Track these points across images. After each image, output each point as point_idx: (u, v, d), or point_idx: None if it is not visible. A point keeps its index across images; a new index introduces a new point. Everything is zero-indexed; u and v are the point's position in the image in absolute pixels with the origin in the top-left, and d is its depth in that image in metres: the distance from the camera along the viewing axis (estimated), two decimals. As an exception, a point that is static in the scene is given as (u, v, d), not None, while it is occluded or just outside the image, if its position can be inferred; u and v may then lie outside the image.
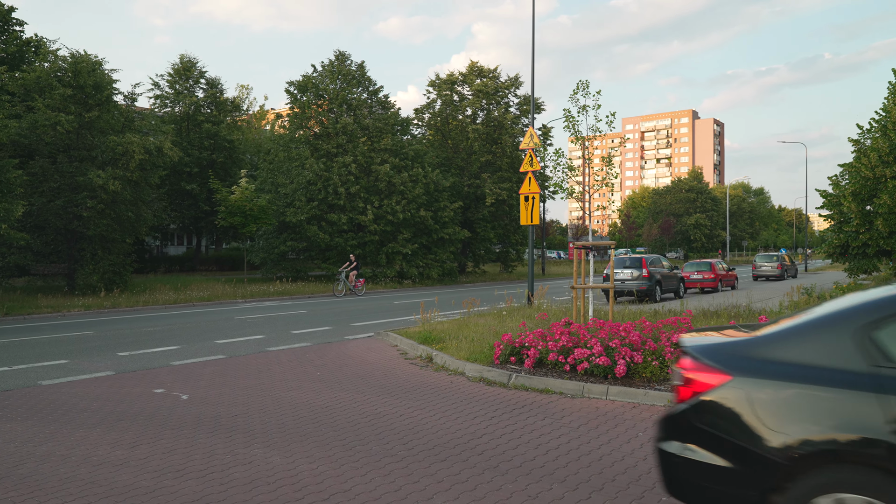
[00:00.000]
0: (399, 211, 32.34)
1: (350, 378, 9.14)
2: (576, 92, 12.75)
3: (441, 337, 11.79)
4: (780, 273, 38.68)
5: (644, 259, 23.62)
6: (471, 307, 15.60)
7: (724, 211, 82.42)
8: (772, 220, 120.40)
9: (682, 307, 16.21)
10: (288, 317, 18.46)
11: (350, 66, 35.80)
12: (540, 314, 10.43)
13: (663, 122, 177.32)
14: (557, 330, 8.67)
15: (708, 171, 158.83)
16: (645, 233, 79.96)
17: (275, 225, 32.54)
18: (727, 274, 29.43)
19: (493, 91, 39.86)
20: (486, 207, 37.89)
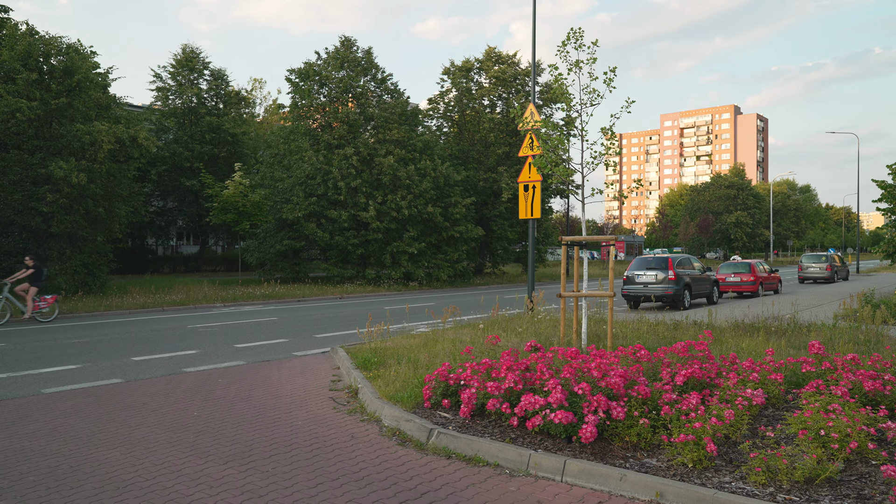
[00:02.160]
0: (404, 207, 29.78)
1: (221, 426, 6.59)
2: (565, 44, 9.96)
3: (384, 359, 9.18)
4: (830, 275, 34.94)
5: (670, 259, 20.57)
6: (447, 317, 12.91)
7: (766, 208, 77.74)
8: (819, 218, 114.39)
9: (711, 318, 13.27)
10: (250, 326, 16.07)
11: (356, 52, 33.41)
12: (492, 338, 7.52)
13: (703, 119, 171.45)
14: (505, 362, 5.93)
15: (751, 169, 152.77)
16: (681, 232, 75.75)
17: (272, 223, 30.35)
18: (769, 276, 26.08)
19: (511, 78, 37.03)
20: (503, 203, 35.07)
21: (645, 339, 10.77)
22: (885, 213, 24.35)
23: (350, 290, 27.37)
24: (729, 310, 17.72)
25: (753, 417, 5.76)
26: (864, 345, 9.48)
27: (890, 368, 6.50)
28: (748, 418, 5.58)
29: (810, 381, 6.11)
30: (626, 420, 5.10)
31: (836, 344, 9.04)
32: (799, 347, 9.68)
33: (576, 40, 9.99)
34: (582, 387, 5.19)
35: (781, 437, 5.18)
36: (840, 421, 4.69)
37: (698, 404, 5.16)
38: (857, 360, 6.53)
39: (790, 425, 4.99)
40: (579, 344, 9.73)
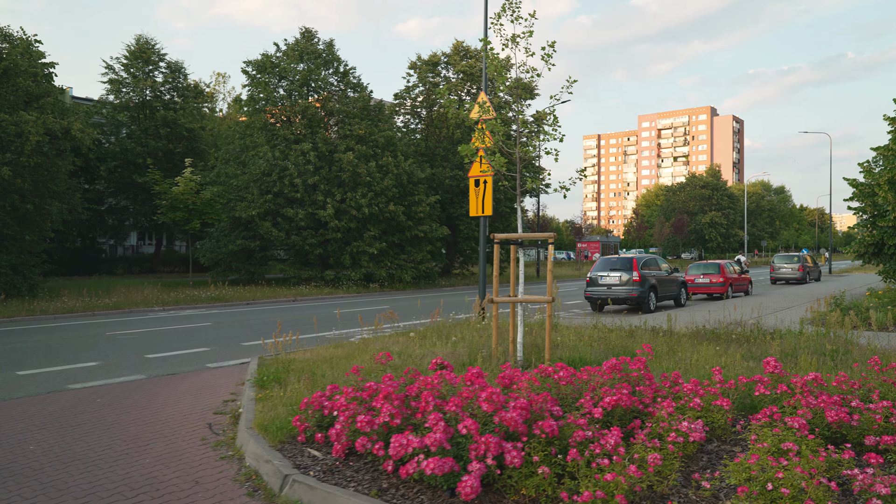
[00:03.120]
0: (364, 205, 28.51)
1: (47, 466, 5.34)
2: (499, 16, 8.85)
3: (289, 375, 7.98)
4: (802, 276, 34.31)
5: (635, 260, 19.58)
6: (381, 323, 11.71)
7: (741, 209, 77.54)
8: (793, 219, 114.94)
9: (671, 323, 12.23)
10: (177, 332, 14.75)
11: (317, 44, 32.09)
12: (383, 356, 6.18)
13: (681, 120, 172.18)
14: (385, 388, 4.74)
15: (727, 170, 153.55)
16: (656, 232, 75.18)
17: (226, 222, 28.92)
18: (739, 277, 25.24)
19: (479, 73, 35.87)
20: (470, 202, 33.92)
21: (593, 349, 9.68)
22: (857, 212, 23.58)
23: (306, 293, 26.06)
24: (694, 313, 16.75)
25: (689, 458, 4.65)
26: (831, 356, 8.46)
27: (858, 390, 5.45)
28: (681, 460, 4.47)
29: (764, 409, 5.04)
30: (524, 467, 3.94)
31: (799, 357, 8.01)
32: (759, 358, 8.65)
33: (511, 12, 8.88)
34: (467, 424, 4.03)
35: (720, 487, 4.06)
36: (793, 471, 3.59)
37: (618, 444, 4.03)
38: (820, 381, 5.47)
39: (731, 473, 3.88)
40: (515, 357, 8.60)
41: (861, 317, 14.11)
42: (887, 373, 5.61)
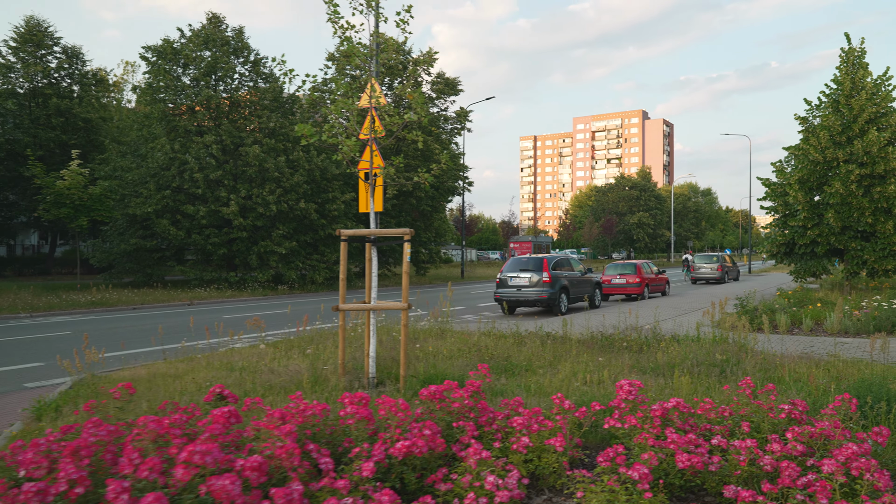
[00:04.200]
0: (272, 202, 26.80)
1: None
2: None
3: (68, 402, 6.52)
4: (721, 275, 34.51)
5: (546, 260, 18.70)
6: (239, 334, 10.29)
7: (668, 210, 78.99)
8: (719, 220, 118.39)
9: (566, 328, 11.26)
10: (23, 343, 12.91)
11: (225, 31, 30.13)
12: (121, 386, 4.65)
13: (614, 122, 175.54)
14: (86, 436, 3.39)
15: (657, 172, 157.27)
16: (585, 232, 75.71)
17: (120, 219, 26.67)
18: (656, 278, 24.83)
19: (399, 67, 34.65)
20: (390, 200, 32.60)
21: (464, 361, 8.55)
22: (769, 211, 23.49)
23: (205, 296, 24.18)
24: (603, 316, 15.95)
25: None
26: (721, 367, 7.59)
27: (729, 419, 4.45)
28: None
29: (609, 448, 3.95)
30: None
31: (675, 371, 7.07)
32: (646, 370, 7.70)
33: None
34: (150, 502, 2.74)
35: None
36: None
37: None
38: (683, 407, 4.44)
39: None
40: (368, 373, 7.37)
41: (766, 318, 13.54)
42: (762, 396, 4.63)
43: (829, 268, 22.55)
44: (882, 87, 21.36)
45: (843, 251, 21.40)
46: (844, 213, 20.56)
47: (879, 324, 12.61)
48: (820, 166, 21.33)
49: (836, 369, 7.92)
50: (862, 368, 8.08)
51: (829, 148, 20.92)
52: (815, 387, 6.45)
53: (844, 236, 20.95)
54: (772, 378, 7.25)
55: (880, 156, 20.09)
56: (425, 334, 11.40)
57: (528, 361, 8.64)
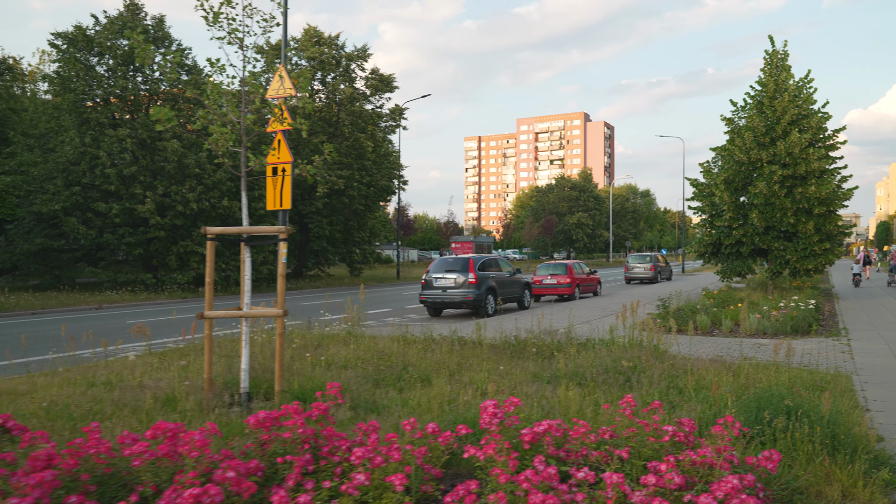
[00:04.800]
0: (192, 200, 25.45)
1: None
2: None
3: None
4: (654, 275, 34.81)
5: (472, 260, 18.18)
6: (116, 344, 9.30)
7: (607, 210, 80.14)
8: (657, 221, 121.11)
9: (480, 332, 10.68)
10: None
11: (144, 19, 28.54)
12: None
13: (557, 124, 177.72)
14: None
15: (598, 173, 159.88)
16: (525, 232, 75.94)
17: (24, 217, 24.84)
18: (587, 278, 24.66)
19: (332, 62, 33.63)
20: (321, 199, 31.55)
21: (359, 370, 7.84)
22: (697, 211, 23.63)
23: (117, 299, 22.73)
24: (525, 318, 15.50)
25: None
26: (626, 374, 7.12)
27: (610, 442, 3.89)
28: None
29: (459, 486, 3.33)
30: None
31: (587, 377, 6.55)
32: (546, 380, 7.17)
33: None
34: None
35: None
36: None
37: None
38: (557, 431, 3.86)
39: None
40: (240, 387, 6.58)
41: (680, 320, 13.34)
42: (647, 415, 4.09)
43: (754, 267, 22.80)
44: (804, 89, 21.70)
45: (767, 251, 21.63)
46: (768, 214, 20.76)
47: (796, 324, 12.53)
48: (745, 167, 21.51)
49: (746, 375, 7.58)
50: (772, 374, 7.76)
51: (753, 149, 21.10)
52: (718, 397, 6.02)
53: (768, 236, 21.17)
54: (677, 386, 6.82)
55: (802, 157, 20.36)
56: (331, 340, 10.66)
57: (429, 370, 8.01)
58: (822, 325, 13.60)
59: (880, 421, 6.00)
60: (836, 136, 21.51)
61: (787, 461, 4.42)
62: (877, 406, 6.61)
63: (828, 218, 20.91)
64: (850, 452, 4.49)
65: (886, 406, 6.61)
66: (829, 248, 20.84)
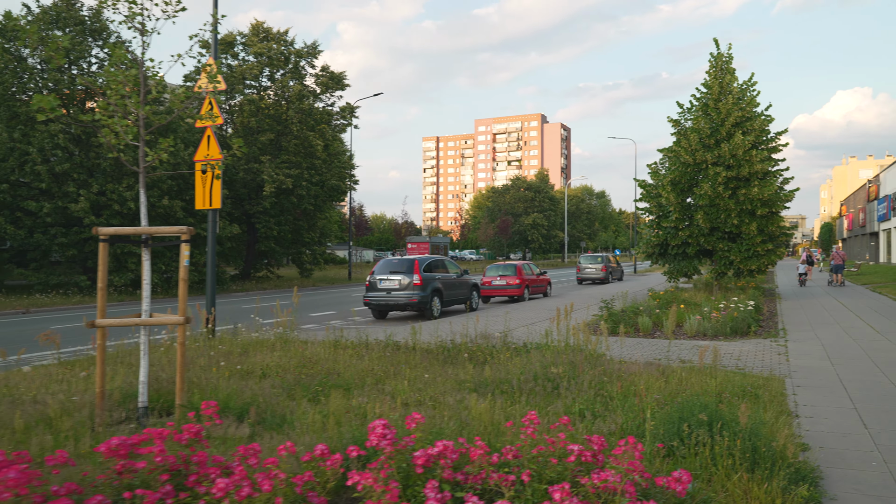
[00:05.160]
0: (130, 199, 24.43)
1: None
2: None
3: None
4: (605, 276, 35.00)
5: (417, 262, 17.80)
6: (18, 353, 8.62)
7: (562, 211, 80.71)
8: (612, 221, 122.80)
9: (416, 336, 10.30)
10: None
11: (80, 9, 27.28)
12: None
13: (514, 125, 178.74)
14: None
15: (555, 174, 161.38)
16: (481, 233, 75.98)
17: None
18: (537, 279, 24.54)
19: (281, 58, 32.81)
20: (268, 198, 30.73)
21: (277, 379, 7.37)
22: (644, 212, 23.75)
23: (46, 302, 21.63)
24: (466, 321, 15.18)
25: None
26: (555, 382, 6.84)
27: (511, 463, 3.55)
28: None
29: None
30: None
31: (514, 384, 6.23)
32: (469, 389, 6.83)
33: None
34: None
35: None
36: None
37: None
38: (453, 453, 3.50)
39: None
40: (138, 402, 6.05)
41: (628, 322, 13.23)
42: (554, 432, 3.77)
43: (700, 268, 23.01)
44: (747, 92, 21.98)
45: (713, 252, 21.85)
46: (713, 215, 20.95)
47: (736, 325, 12.52)
48: (690, 168, 21.67)
49: (678, 380, 7.38)
50: (704, 378, 7.60)
51: (698, 150, 21.27)
52: (646, 405, 5.78)
53: (713, 237, 21.36)
54: (606, 394, 6.57)
55: (745, 159, 20.59)
56: (259, 346, 10.14)
57: (353, 379, 7.60)
58: (761, 325, 13.64)
59: (807, 428, 5.84)
60: (779, 139, 21.84)
61: (705, 477, 4.17)
62: (806, 412, 6.47)
63: (770, 219, 21.20)
64: (769, 467, 4.26)
65: (816, 412, 6.47)
66: (771, 249, 21.14)
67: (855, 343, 11.21)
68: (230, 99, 33.70)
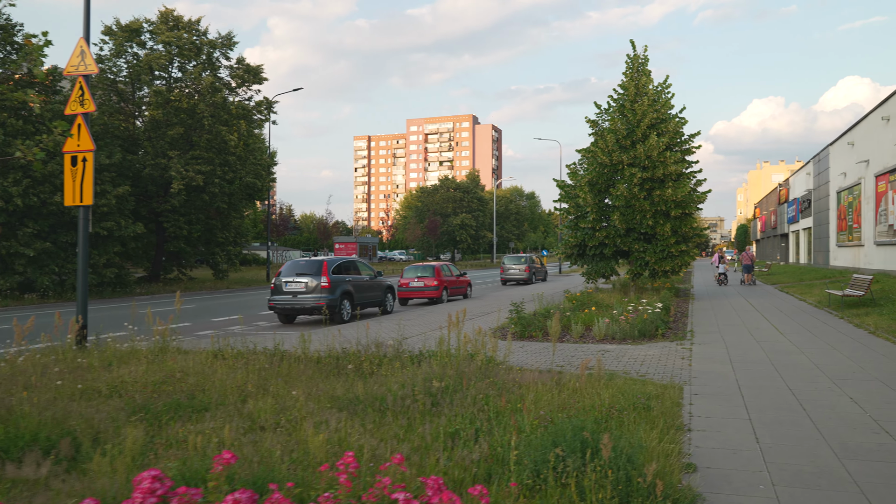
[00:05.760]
0: (17, 195, 22.44)
1: None
2: None
3: None
4: (528, 276, 34.96)
5: (325, 263, 16.92)
6: None
7: (491, 211, 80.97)
8: (541, 222, 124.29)
9: (305, 344, 9.47)
10: None
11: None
12: None
13: (446, 126, 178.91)
14: None
15: (486, 175, 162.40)
16: (409, 233, 75.23)
17: None
18: (457, 280, 24.03)
19: (191, 48, 31.10)
20: (177, 196, 29.01)
21: (123, 400, 6.44)
22: (563, 213, 23.61)
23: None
24: (377, 326, 14.45)
25: None
26: (434, 397, 6.20)
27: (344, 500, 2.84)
28: None
29: None
30: None
31: (388, 401, 5.54)
32: (343, 407, 6.10)
33: None
34: None
35: None
36: None
37: None
38: (245, 503, 2.77)
39: None
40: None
41: (537, 326, 12.81)
42: (384, 472, 3.09)
43: (617, 269, 23.03)
44: (662, 94, 22.14)
45: (629, 252, 21.88)
46: (628, 216, 20.96)
47: (644, 328, 12.27)
48: (607, 169, 21.63)
49: (571, 390, 6.89)
50: (600, 387, 7.15)
51: (615, 151, 21.24)
52: (524, 424, 5.21)
53: (629, 238, 21.38)
54: (492, 409, 5.98)
55: (659, 160, 20.69)
56: (132, 357, 9.10)
57: (217, 396, 6.75)
58: (671, 328, 13.49)
59: (697, 445, 5.41)
60: (692, 141, 22.08)
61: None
62: (699, 424, 6.07)
63: (684, 220, 21.39)
64: (645, 499, 3.74)
65: (709, 424, 6.08)
66: (685, 250, 21.32)
67: (758, 346, 11.12)
68: (137, 91, 31.76)
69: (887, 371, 8.67)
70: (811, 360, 9.55)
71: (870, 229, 26.58)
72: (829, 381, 8.01)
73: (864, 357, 9.77)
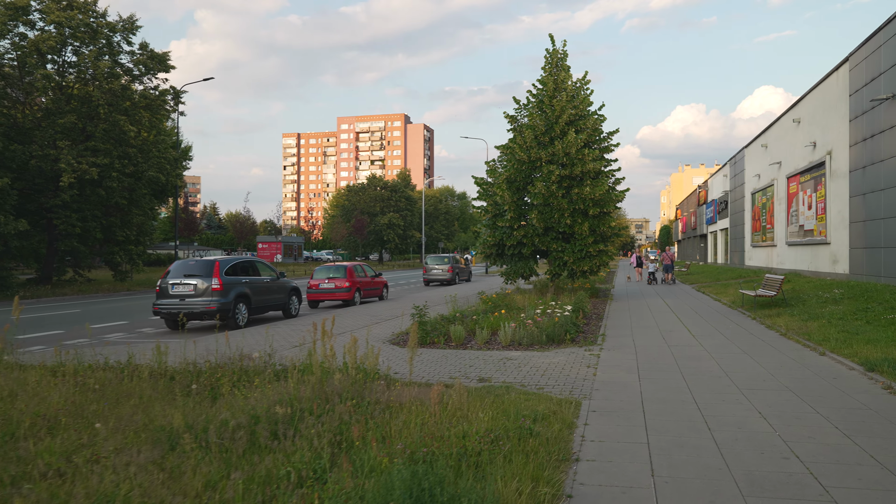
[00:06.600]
0: None
1: None
2: None
3: None
4: (451, 277, 34.12)
5: (218, 264, 15.44)
6: None
7: (420, 211, 79.92)
8: (472, 222, 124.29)
9: (159, 356, 8.16)
10: None
11: None
12: None
13: (378, 125, 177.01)
14: None
15: (418, 175, 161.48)
16: (335, 232, 73.32)
17: None
18: (371, 281, 22.86)
19: (87, 31, 28.68)
20: (68, 190, 26.57)
21: None
22: (481, 212, 22.82)
23: None
24: (274, 330, 13.17)
25: None
26: (273, 428, 5.08)
27: None
28: None
29: None
30: None
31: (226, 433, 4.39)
32: (161, 440, 4.91)
33: None
34: None
35: None
36: None
37: None
38: None
39: None
40: None
41: (439, 331, 11.84)
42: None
43: (536, 269, 22.42)
44: (581, 90, 21.66)
45: (548, 252, 21.28)
46: (546, 214, 20.34)
47: (553, 333, 11.49)
48: (526, 166, 20.96)
49: (453, 410, 5.91)
50: (491, 403, 6.22)
51: (533, 147, 20.59)
52: (364, 467, 4.18)
53: (547, 237, 20.78)
54: (345, 441, 4.93)
55: (578, 157, 20.17)
56: None
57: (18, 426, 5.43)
58: (582, 331, 12.79)
59: (582, 482, 4.51)
60: (611, 139, 21.69)
61: None
62: (590, 452, 5.18)
63: (602, 219, 20.95)
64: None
65: (602, 451, 5.21)
66: (603, 250, 20.87)
67: (669, 350, 10.51)
68: (27, 75, 29.05)
69: (797, 378, 8.13)
70: (720, 367, 8.95)
71: (782, 230, 27.04)
72: (738, 392, 7.35)
73: (774, 363, 9.26)
